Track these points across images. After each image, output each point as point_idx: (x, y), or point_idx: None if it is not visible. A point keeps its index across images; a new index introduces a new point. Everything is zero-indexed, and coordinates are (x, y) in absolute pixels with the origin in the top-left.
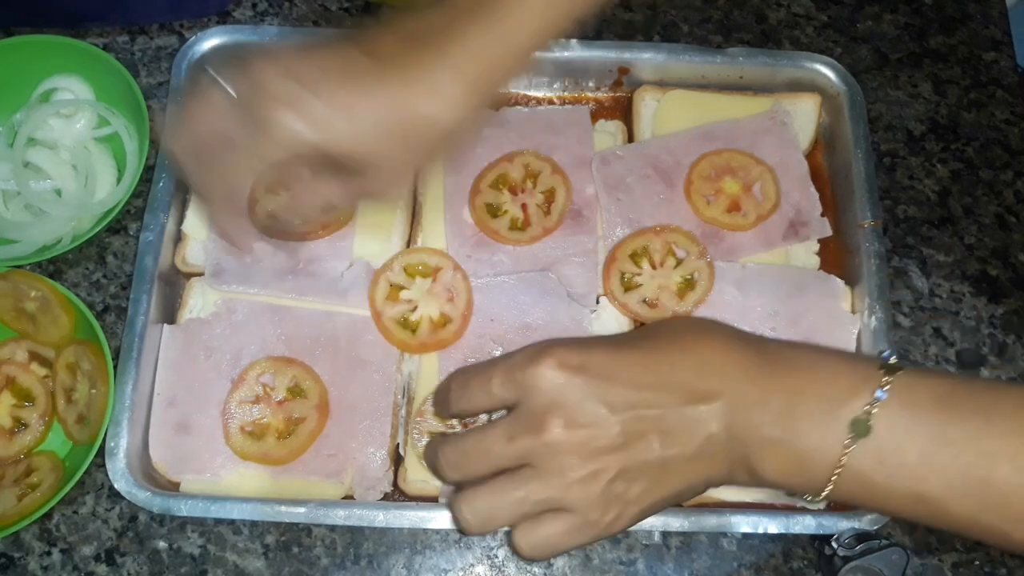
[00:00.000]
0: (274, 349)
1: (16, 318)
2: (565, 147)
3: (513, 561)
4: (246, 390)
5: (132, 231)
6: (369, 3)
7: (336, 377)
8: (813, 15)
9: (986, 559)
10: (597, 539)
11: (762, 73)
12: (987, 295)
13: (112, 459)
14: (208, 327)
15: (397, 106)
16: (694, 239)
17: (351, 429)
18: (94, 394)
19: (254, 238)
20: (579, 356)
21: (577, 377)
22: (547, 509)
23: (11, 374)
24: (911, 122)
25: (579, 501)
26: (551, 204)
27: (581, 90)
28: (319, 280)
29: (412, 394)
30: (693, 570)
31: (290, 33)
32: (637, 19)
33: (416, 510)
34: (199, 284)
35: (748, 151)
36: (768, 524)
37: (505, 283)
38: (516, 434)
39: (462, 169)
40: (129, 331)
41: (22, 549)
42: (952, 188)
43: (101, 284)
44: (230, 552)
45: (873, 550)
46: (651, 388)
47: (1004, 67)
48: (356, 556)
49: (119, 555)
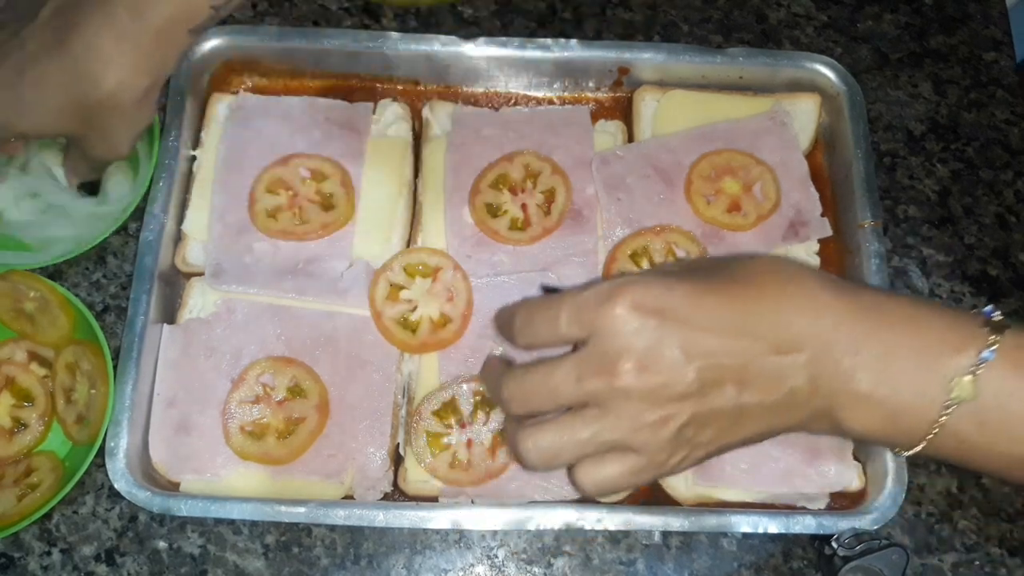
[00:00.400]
0: (274, 349)
1: (15, 318)
2: (565, 147)
3: (513, 561)
4: (246, 390)
5: (132, 231)
6: (369, 3)
7: (336, 377)
8: (813, 15)
9: (986, 559)
10: (661, 477)
11: (762, 73)
12: (987, 295)
13: (112, 459)
14: (208, 327)
15: (66, 85)
16: (694, 239)
17: (351, 429)
18: (94, 394)
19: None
20: (656, 297)
21: (652, 319)
22: (612, 449)
23: (10, 374)
24: (911, 122)
25: (647, 444)
26: (551, 204)
27: (581, 90)
28: (319, 280)
29: (412, 394)
30: (693, 570)
31: (290, 33)
32: (637, 19)
33: (416, 510)
34: (199, 284)
35: (748, 151)
36: (768, 524)
37: (505, 283)
38: (585, 376)
39: (462, 169)
40: (129, 331)
41: (22, 549)
42: (952, 188)
43: (101, 284)
44: (230, 552)
45: (873, 550)
46: (732, 335)
47: (1004, 67)
48: (356, 556)
49: (119, 555)
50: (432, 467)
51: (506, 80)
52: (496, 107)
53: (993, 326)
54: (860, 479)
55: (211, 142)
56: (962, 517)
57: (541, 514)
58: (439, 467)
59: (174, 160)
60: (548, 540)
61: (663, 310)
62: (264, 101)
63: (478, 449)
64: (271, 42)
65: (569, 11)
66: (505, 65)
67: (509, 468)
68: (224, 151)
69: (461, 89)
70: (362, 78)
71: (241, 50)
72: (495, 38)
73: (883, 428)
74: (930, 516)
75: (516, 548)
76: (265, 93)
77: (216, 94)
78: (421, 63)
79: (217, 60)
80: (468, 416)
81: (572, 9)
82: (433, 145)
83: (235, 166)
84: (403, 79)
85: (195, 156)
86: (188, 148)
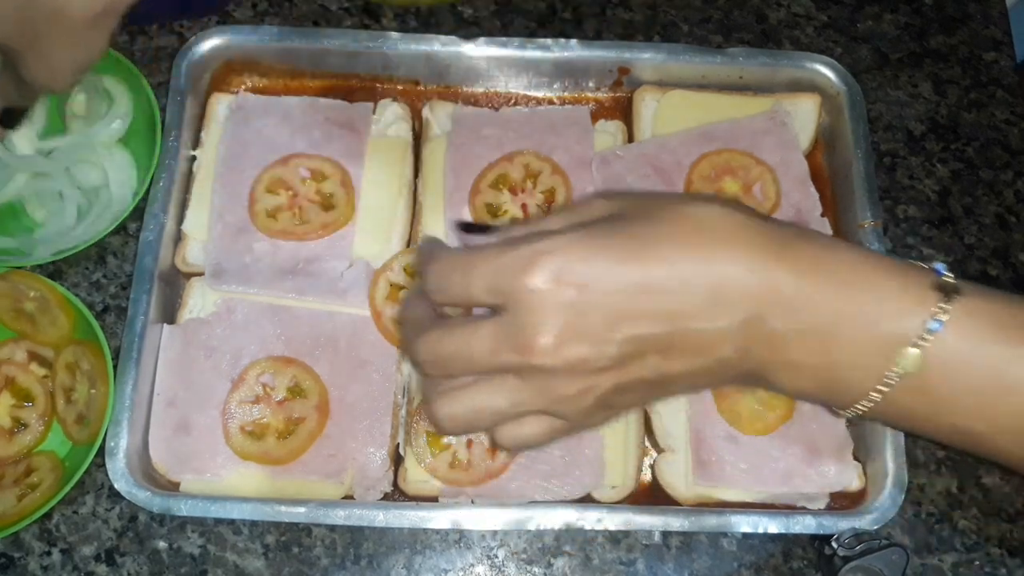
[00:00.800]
0: (274, 349)
1: (15, 318)
2: (565, 147)
3: (513, 561)
4: (246, 390)
5: (132, 231)
6: (369, 3)
7: (336, 377)
8: (813, 15)
9: (986, 559)
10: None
11: (762, 73)
12: None
13: (112, 459)
14: (208, 327)
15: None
16: None
17: (351, 429)
18: (94, 394)
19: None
20: (577, 267)
21: (570, 292)
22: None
23: (11, 374)
24: (911, 122)
25: (567, 412)
26: (551, 204)
27: (581, 90)
28: (319, 280)
29: (412, 394)
30: (693, 570)
31: (290, 33)
32: (637, 19)
33: (416, 510)
34: (199, 284)
35: (748, 151)
36: (768, 524)
37: None
38: (502, 350)
39: (462, 169)
40: (129, 331)
41: (22, 549)
42: (952, 188)
43: (101, 284)
44: (230, 552)
45: (873, 550)
46: (657, 303)
47: (1004, 67)
48: (356, 556)
49: (119, 555)
50: (432, 467)
51: (506, 80)
52: (496, 107)
53: (943, 289)
54: (860, 479)
55: (211, 142)
56: (962, 517)
57: (541, 514)
58: (439, 467)
59: (174, 160)
60: (548, 540)
61: (584, 283)
62: (264, 101)
63: (478, 449)
64: (271, 42)
65: (569, 11)
66: (505, 65)
67: (509, 468)
68: (224, 151)
69: (461, 89)
70: (362, 78)
71: (241, 50)
72: (495, 38)
73: (816, 392)
74: (930, 516)
75: (516, 548)
76: (265, 93)
77: (216, 94)
78: (421, 63)
79: (217, 60)
80: None
81: (572, 9)
82: (433, 145)
83: (235, 166)
84: (403, 79)
85: (195, 156)
86: (188, 148)
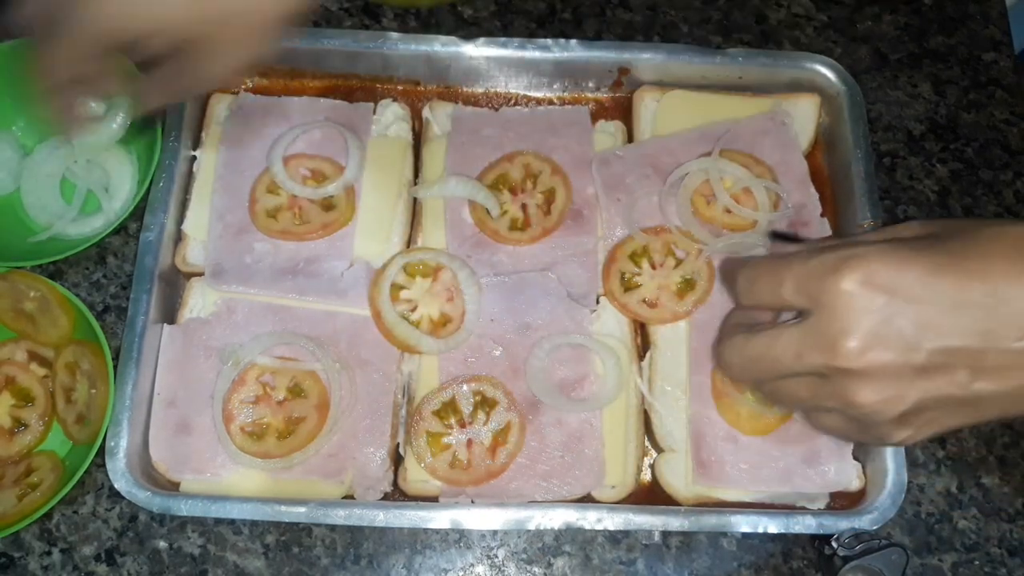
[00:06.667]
0: (274, 349)
1: (15, 318)
2: (565, 147)
3: (513, 561)
4: (246, 390)
5: (132, 231)
6: (369, 3)
7: (336, 377)
8: (813, 15)
9: (986, 559)
10: (881, 446)
11: (762, 73)
12: None
13: (112, 459)
14: (208, 327)
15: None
16: (693, 238)
17: (351, 429)
18: (94, 394)
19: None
20: (888, 273)
21: (880, 297)
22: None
23: (11, 374)
24: (911, 122)
25: (867, 419)
26: (551, 204)
27: (581, 90)
28: (319, 280)
29: (412, 394)
30: (693, 570)
31: (290, 33)
32: (637, 19)
33: (416, 510)
34: (199, 284)
35: (748, 151)
36: (768, 524)
37: (505, 283)
38: (806, 351)
39: (462, 169)
40: (129, 331)
41: (22, 549)
42: (952, 188)
43: (101, 284)
44: (230, 552)
45: (873, 550)
46: (970, 321)
47: (1004, 67)
48: (356, 556)
49: (119, 555)
50: (432, 467)
51: (506, 80)
52: (496, 107)
53: None
54: (860, 479)
55: (211, 142)
56: (962, 517)
57: (541, 514)
58: (439, 467)
59: (174, 160)
60: (548, 540)
61: (894, 288)
62: (264, 101)
63: (478, 449)
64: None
65: (569, 11)
66: (505, 65)
67: (509, 468)
68: (224, 151)
69: (461, 89)
70: (362, 78)
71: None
72: (495, 38)
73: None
74: (930, 516)
75: (516, 548)
76: (265, 93)
77: (216, 94)
78: (421, 63)
79: None
80: (468, 416)
81: (572, 9)
82: (433, 145)
83: (235, 166)
84: (403, 79)
85: (195, 156)
86: (188, 148)
